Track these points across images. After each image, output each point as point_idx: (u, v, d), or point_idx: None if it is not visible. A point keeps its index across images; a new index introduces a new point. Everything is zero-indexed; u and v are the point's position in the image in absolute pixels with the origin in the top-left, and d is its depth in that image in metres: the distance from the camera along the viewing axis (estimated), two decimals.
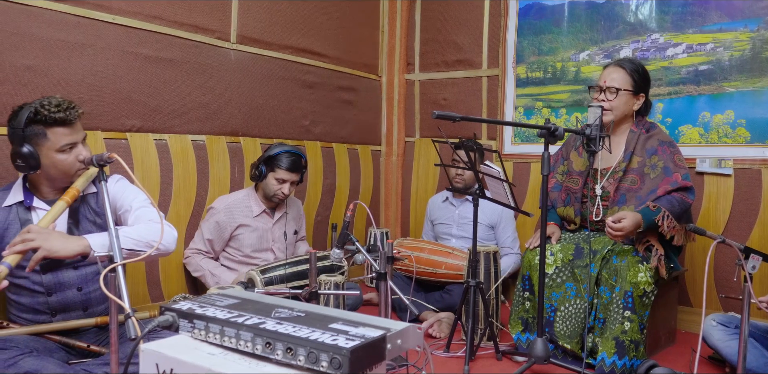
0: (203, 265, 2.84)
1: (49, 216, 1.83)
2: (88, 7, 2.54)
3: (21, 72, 2.35)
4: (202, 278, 2.85)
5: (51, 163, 1.91)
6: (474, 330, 2.53)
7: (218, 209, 2.87)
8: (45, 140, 1.88)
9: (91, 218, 2.03)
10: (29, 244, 1.69)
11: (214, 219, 2.86)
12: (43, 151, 1.89)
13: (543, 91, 3.62)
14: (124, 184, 2.11)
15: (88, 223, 2.02)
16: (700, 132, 3.08)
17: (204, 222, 2.91)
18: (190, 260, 2.88)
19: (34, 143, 1.88)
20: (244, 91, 3.23)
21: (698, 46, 3.09)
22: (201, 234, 2.89)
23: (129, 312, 1.38)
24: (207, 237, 2.87)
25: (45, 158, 1.90)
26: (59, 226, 1.96)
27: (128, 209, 2.03)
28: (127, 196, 2.06)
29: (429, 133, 4.10)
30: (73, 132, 1.92)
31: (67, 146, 1.91)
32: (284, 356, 1.01)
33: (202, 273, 2.84)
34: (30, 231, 1.72)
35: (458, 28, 3.93)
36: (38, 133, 1.88)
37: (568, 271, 2.48)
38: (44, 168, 1.92)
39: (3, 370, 1.66)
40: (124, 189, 2.08)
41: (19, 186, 2.01)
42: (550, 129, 2.14)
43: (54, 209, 1.85)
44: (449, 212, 3.48)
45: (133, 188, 2.10)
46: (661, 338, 2.70)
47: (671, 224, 2.35)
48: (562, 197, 2.70)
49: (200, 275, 2.85)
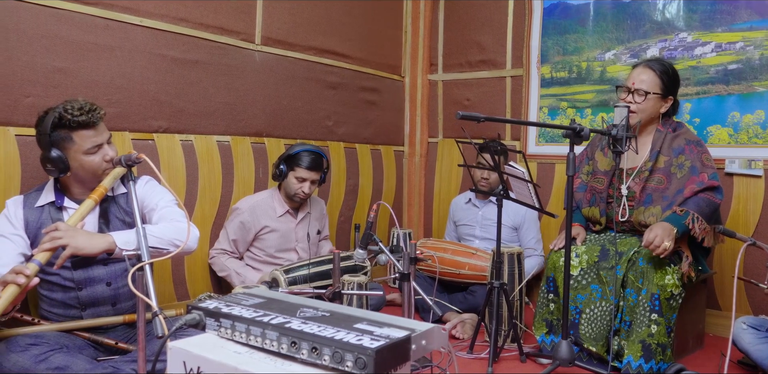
0: (228, 265, 2.87)
1: (77, 214, 1.88)
2: (117, 10, 2.58)
3: (51, 74, 2.40)
4: (228, 277, 2.87)
5: (79, 165, 1.97)
6: (498, 332, 2.52)
7: (243, 210, 2.90)
8: (71, 143, 1.94)
9: (121, 217, 2.07)
10: (57, 242, 1.74)
11: (239, 219, 2.89)
12: (70, 154, 1.95)
13: (568, 91, 3.59)
14: (153, 184, 2.16)
15: (119, 222, 2.06)
16: (730, 132, 3.02)
17: (228, 222, 2.93)
18: (216, 261, 2.91)
19: (62, 147, 1.94)
20: (269, 92, 3.26)
21: (727, 45, 3.04)
22: (226, 234, 2.91)
23: (156, 310, 1.40)
24: (232, 238, 2.89)
25: (73, 161, 1.96)
26: (90, 225, 2.01)
27: (153, 207, 2.07)
28: (154, 196, 2.11)
29: (452, 133, 4.09)
30: (97, 134, 1.98)
31: (94, 147, 1.97)
32: (309, 355, 1.02)
33: (227, 273, 2.86)
34: (57, 229, 1.77)
35: (482, 28, 3.92)
36: (64, 137, 1.93)
37: (593, 273, 2.45)
38: (73, 170, 1.97)
39: (34, 365, 1.70)
40: (153, 189, 2.13)
41: (50, 187, 2.06)
42: (576, 129, 2.12)
43: (82, 208, 1.90)
44: (472, 213, 3.47)
45: (161, 188, 2.14)
46: (688, 341, 2.66)
47: (702, 226, 2.30)
48: (587, 197, 2.67)
49: (225, 274, 2.87)
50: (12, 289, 1.65)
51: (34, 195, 2.05)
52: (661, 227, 2.25)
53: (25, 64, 2.32)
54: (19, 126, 2.31)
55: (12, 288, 1.65)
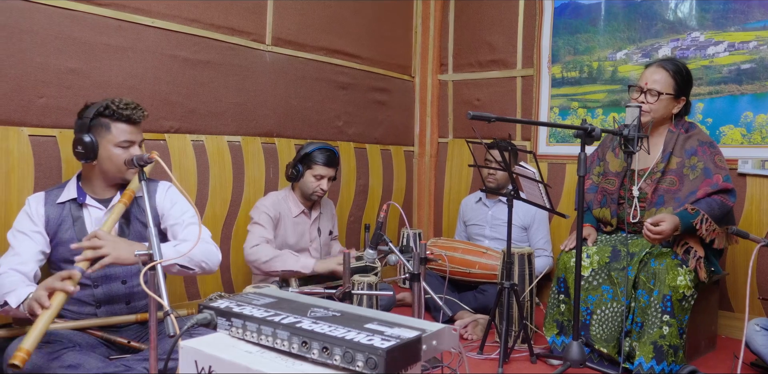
0: (275, 252, 2.74)
1: (110, 221, 1.91)
2: (129, 11, 2.60)
3: (64, 75, 2.42)
4: (275, 262, 2.70)
5: (107, 155, 2.02)
6: (508, 333, 2.51)
7: (267, 206, 2.86)
8: (107, 132, 2.01)
9: (141, 218, 2.11)
10: (99, 252, 1.77)
11: (266, 213, 2.83)
12: (102, 143, 2.01)
13: (579, 91, 3.57)
14: (175, 193, 2.19)
15: (138, 223, 2.10)
16: (743, 132, 3.00)
17: (258, 217, 2.82)
18: (259, 249, 2.73)
19: (97, 134, 2.01)
20: (279, 93, 3.27)
21: (740, 45, 3.01)
22: (260, 227, 2.80)
23: (168, 309, 1.40)
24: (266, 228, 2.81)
25: (103, 150, 2.01)
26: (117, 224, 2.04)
27: (179, 222, 2.11)
28: (178, 208, 2.14)
29: (462, 134, 4.08)
30: (134, 131, 2.05)
31: (126, 142, 2.03)
32: (320, 355, 1.02)
33: (275, 255, 2.71)
34: (99, 238, 1.80)
35: (492, 28, 3.91)
36: (103, 125, 2.02)
37: (604, 274, 2.44)
38: (100, 160, 2.02)
39: (47, 363, 1.72)
40: (175, 201, 2.16)
41: (73, 184, 2.09)
42: (587, 129, 2.10)
43: (114, 213, 1.94)
44: (482, 213, 3.46)
45: (183, 199, 2.17)
46: (701, 343, 2.64)
47: (710, 228, 2.29)
48: (598, 198, 2.66)
49: (274, 256, 2.71)
50: (61, 297, 1.68)
51: (56, 192, 2.08)
52: (671, 220, 2.23)
53: (39, 65, 2.34)
54: (32, 126, 2.33)
55: (61, 296, 1.68)
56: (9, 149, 2.27)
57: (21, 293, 1.79)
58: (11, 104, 2.27)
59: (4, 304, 1.80)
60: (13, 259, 1.92)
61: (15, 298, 1.78)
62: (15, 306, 1.77)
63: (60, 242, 2.00)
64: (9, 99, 2.27)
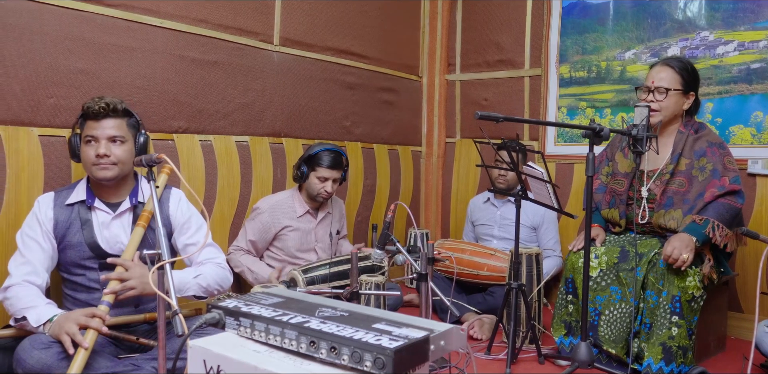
0: (242, 261, 2.88)
1: (131, 247, 1.93)
2: (138, 12, 2.61)
3: (74, 75, 2.43)
4: (242, 274, 2.90)
5: (81, 153, 2.04)
6: (516, 333, 2.50)
7: (263, 210, 2.91)
8: (82, 130, 2.05)
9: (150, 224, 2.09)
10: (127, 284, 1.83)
11: (259, 219, 2.90)
12: (80, 141, 2.05)
13: (587, 91, 3.56)
14: (186, 205, 2.19)
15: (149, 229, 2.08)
16: (752, 132, 2.98)
17: (249, 222, 2.95)
18: (231, 257, 2.92)
19: (77, 133, 2.06)
20: (287, 93, 3.27)
21: (750, 44, 2.99)
22: (245, 234, 2.93)
23: (176, 309, 1.41)
24: (250, 238, 2.90)
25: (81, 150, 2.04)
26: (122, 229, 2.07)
27: (194, 243, 2.14)
28: (193, 224, 2.17)
29: (470, 134, 4.08)
30: (100, 126, 2.01)
31: (87, 137, 2.01)
32: (328, 355, 1.02)
33: (241, 269, 2.88)
34: (128, 271, 1.85)
35: (500, 28, 3.90)
36: (79, 124, 2.05)
37: (612, 274, 2.43)
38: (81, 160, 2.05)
39: (57, 363, 1.72)
40: (191, 214, 2.18)
41: (82, 185, 2.09)
42: (595, 129, 2.10)
43: (134, 238, 1.95)
44: (490, 213, 3.45)
45: (196, 213, 2.19)
46: (710, 344, 2.63)
47: (723, 233, 2.28)
48: (607, 199, 2.64)
49: (239, 271, 2.89)
50: (93, 335, 1.73)
51: (65, 193, 2.07)
52: (679, 240, 2.24)
53: (48, 66, 2.35)
54: (42, 126, 2.35)
55: (94, 335, 1.73)
56: (19, 149, 2.28)
57: (42, 312, 1.81)
58: (21, 104, 2.29)
59: (22, 319, 1.82)
60: (24, 268, 1.92)
61: (35, 316, 1.80)
62: (35, 325, 1.79)
63: (68, 246, 2.01)
64: (19, 99, 2.28)
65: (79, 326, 1.72)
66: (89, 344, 1.70)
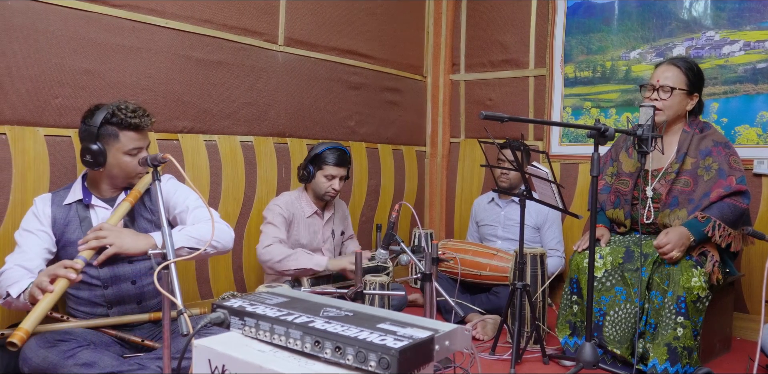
0: (288, 251, 2.75)
1: (116, 215, 1.94)
2: (143, 12, 2.62)
3: (79, 75, 2.44)
4: (288, 261, 2.71)
5: (116, 163, 2.02)
6: (520, 333, 2.50)
7: (280, 206, 2.87)
8: (116, 141, 2.00)
9: (146, 215, 2.11)
10: (103, 241, 1.81)
11: (279, 213, 2.84)
12: (111, 151, 2.01)
13: (592, 90, 3.55)
14: (175, 183, 2.20)
15: (143, 220, 2.11)
16: (758, 132, 2.97)
17: (272, 217, 2.83)
18: (272, 249, 2.74)
19: (105, 142, 1.99)
20: (291, 93, 3.27)
21: (756, 44, 2.98)
22: (273, 227, 2.81)
23: (181, 308, 1.41)
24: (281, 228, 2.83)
25: (111, 158, 2.01)
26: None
27: (184, 209, 2.12)
28: (180, 195, 2.14)
29: (474, 134, 4.07)
30: (142, 138, 2.05)
31: (134, 149, 2.03)
32: (333, 355, 1.02)
33: (288, 254, 2.72)
34: (102, 229, 1.83)
35: (504, 28, 3.89)
36: (111, 133, 2.00)
37: (617, 275, 2.42)
38: (108, 167, 2.02)
39: (62, 361, 1.73)
40: (177, 188, 2.17)
41: (78, 185, 2.10)
42: (600, 129, 2.09)
43: (120, 209, 1.96)
44: (495, 213, 3.45)
45: (185, 187, 2.18)
46: (715, 345, 2.62)
47: (724, 233, 2.28)
48: (612, 199, 2.64)
49: (287, 255, 2.72)
50: (63, 283, 1.71)
51: (62, 193, 2.09)
52: (677, 234, 2.25)
53: (54, 66, 2.36)
54: (48, 126, 2.36)
55: (63, 282, 1.71)
56: (25, 149, 2.29)
57: (22, 284, 1.83)
58: (27, 104, 2.30)
59: (5, 296, 1.82)
60: (19, 256, 1.94)
61: (16, 288, 1.82)
62: (16, 295, 1.80)
63: (68, 243, 2.02)
64: (25, 99, 2.29)
65: (50, 278, 1.71)
66: (57, 291, 1.67)
